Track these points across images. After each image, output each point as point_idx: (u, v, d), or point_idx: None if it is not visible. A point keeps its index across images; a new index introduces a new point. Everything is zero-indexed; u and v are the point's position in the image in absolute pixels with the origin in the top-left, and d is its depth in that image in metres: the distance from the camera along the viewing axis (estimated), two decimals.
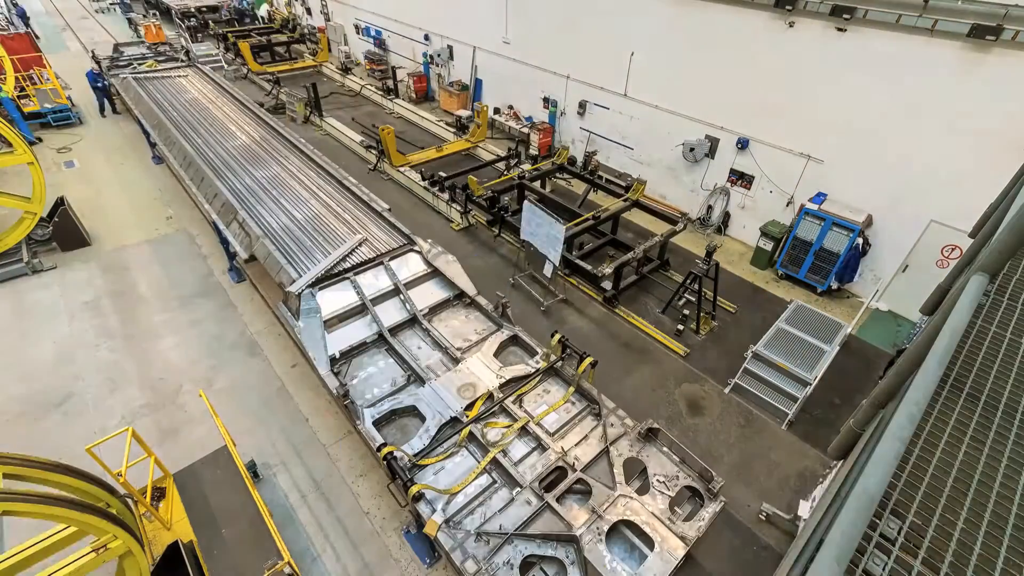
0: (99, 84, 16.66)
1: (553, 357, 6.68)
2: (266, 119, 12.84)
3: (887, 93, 8.83)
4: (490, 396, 6.37)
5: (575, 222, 10.49)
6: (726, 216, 12.22)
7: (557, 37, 14.17)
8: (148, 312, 9.65)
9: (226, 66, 20.86)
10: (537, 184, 12.60)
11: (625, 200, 11.40)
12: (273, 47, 22.54)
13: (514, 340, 7.30)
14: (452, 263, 8.17)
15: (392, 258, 8.17)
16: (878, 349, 9.31)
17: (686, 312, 9.82)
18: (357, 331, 7.28)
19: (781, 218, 11.15)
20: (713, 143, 11.72)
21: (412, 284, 7.97)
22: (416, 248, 8.41)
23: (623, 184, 12.00)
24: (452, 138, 16.01)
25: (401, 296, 7.74)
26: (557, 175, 13.79)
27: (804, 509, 6.09)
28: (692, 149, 11.85)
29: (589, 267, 9.82)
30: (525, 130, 15.86)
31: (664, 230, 10.77)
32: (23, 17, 23.61)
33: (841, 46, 9.08)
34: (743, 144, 11.15)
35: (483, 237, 12.18)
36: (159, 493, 5.96)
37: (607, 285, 9.90)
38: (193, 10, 26.03)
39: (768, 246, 11.08)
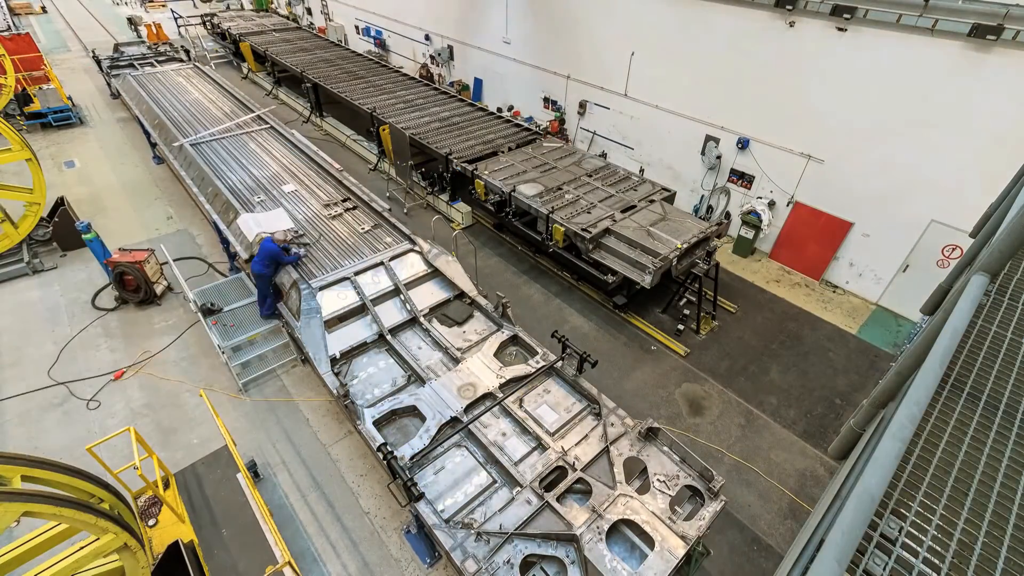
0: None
1: (544, 354, 6.67)
2: (264, 115, 12.84)
3: (887, 93, 8.83)
4: (490, 395, 6.37)
5: None
6: (726, 215, 12.21)
7: (557, 37, 14.16)
8: (148, 312, 9.65)
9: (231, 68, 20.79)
10: None
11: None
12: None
13: (514, 340, 7.29)
14: (452, 263, 8.17)
15: (392, 258, 8.17)
16: (878, 349, 9.31)
17: (686, 312, 9.82)
18: (357, 331, 7.29)
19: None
20: (714, 143, 11.71)
21: (412, 284, 7.96)
22: (416, 248, 8.41)
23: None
24: None
25: (401, 296, 7.74)
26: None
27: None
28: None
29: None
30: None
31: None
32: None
33: (841, 46, 9.07)
34: (743, 144, 11.14)
35: (483, 238, 12.18)
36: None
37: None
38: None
39: (749, 234, 11.31)
